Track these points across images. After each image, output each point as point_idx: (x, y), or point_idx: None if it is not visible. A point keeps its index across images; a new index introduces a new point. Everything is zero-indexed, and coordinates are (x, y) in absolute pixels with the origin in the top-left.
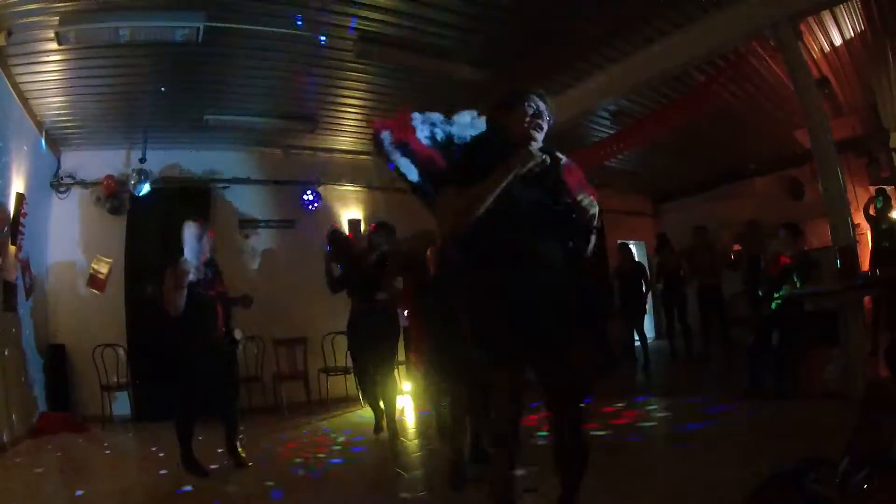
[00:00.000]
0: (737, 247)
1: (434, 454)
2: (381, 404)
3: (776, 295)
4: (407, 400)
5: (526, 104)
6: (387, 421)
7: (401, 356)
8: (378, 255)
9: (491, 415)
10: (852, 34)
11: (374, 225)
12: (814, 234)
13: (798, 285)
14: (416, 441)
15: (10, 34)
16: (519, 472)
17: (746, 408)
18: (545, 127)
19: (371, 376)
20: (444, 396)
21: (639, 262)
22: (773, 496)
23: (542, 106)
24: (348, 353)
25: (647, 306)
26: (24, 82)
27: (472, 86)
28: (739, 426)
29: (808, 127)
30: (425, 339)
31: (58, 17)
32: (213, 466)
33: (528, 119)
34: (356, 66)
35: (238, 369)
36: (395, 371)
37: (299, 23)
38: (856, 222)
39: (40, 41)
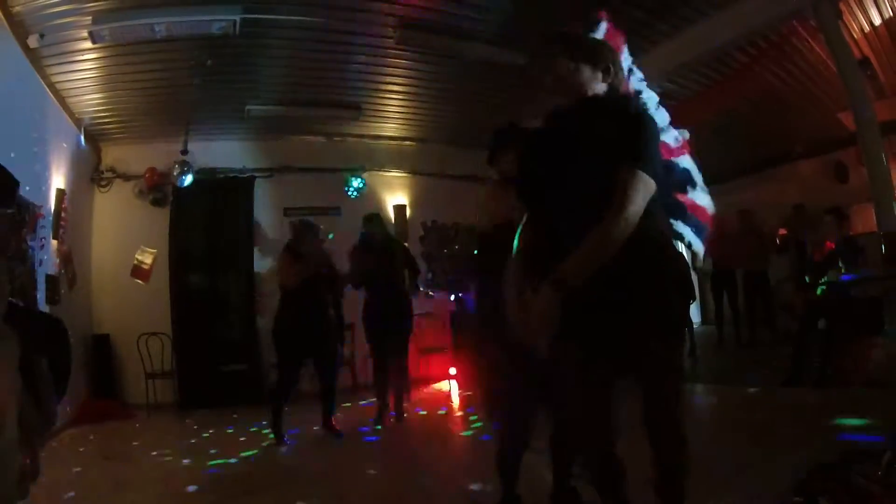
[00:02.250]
0: (783, 231)
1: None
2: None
3: (821, 281)
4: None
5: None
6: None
7: None
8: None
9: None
10: (892, 13)
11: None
12: (859, 219)
13: (843, 271)
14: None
15: (42, 36)
16: None
17: (791, 396)
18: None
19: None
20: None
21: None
22: (818, 488)
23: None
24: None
25: (694, 292)
26: (59, 81)
27: (514, 70)
28: (784, 415)
29: (851, 109)
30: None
31: (90, 17)
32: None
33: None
34: (398, 52)
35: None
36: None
37: None
38: None
39: (74, 41)
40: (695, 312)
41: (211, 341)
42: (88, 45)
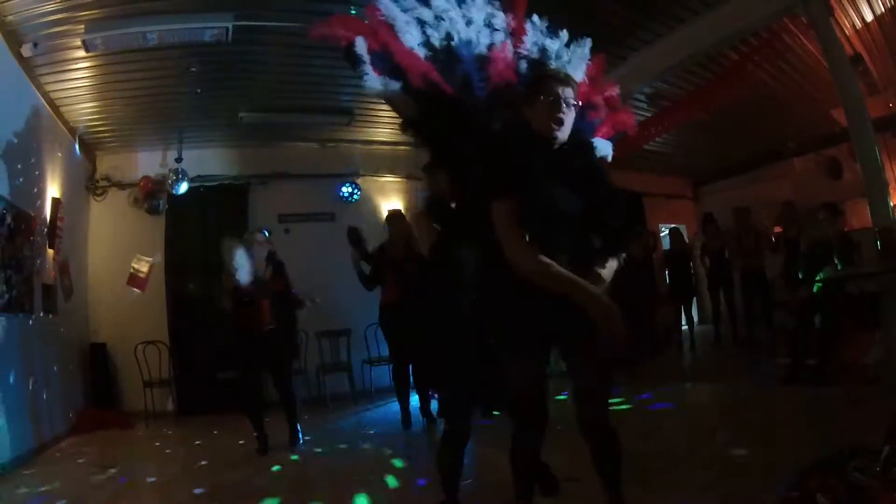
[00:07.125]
0: (778, 228)
1: None
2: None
3: (817, 277)
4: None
5: (543, 94)
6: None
7: None
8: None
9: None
10: (883, 9)
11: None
12: (854, 215)
13: (839, 267)
14: None
15: (35, 45)
16: None
17: (789, 393)
18: (568, 116)
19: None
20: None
21: (688, 246)
22: (815, 484)
23: (563, 92)
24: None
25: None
26: (53, 90)
27: None
28: (782, 412)
29: (843, 105)
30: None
31: (83, 26)
32: None
33: (547, 113)
34: None
35: (290, 358)
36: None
37: None
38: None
39: (67, 49)
40: (693, 310)
41: (208, 349)
42: (82, 53)
